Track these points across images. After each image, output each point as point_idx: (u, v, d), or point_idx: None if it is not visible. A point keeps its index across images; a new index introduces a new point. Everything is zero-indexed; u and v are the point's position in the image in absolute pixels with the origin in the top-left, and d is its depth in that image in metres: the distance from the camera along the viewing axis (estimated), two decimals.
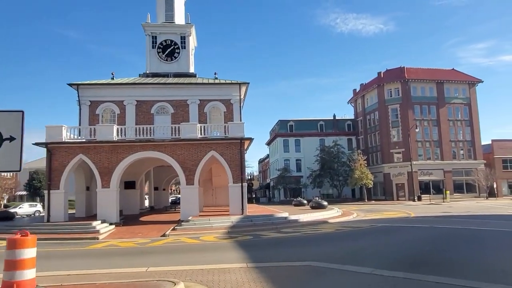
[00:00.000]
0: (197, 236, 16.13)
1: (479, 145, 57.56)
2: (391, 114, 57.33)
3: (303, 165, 65.46)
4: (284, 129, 67.81)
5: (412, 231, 15.69)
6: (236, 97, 27.24)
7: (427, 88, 57.18)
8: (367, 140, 63.44)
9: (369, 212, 29.27)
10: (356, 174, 52.51)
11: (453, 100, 57.55)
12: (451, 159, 56.07)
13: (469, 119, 57.75)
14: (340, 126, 68.83)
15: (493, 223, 17.86)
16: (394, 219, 21.84)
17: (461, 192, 55.64)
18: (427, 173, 54.96)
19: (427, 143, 56.09)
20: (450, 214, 25.00)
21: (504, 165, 59.04)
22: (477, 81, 58.85)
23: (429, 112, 56.73)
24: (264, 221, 20.16)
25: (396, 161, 56.05)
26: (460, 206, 35.07)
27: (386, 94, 58.03)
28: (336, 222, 21.21)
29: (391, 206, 38.00)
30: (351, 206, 40.24)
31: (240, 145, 21.37)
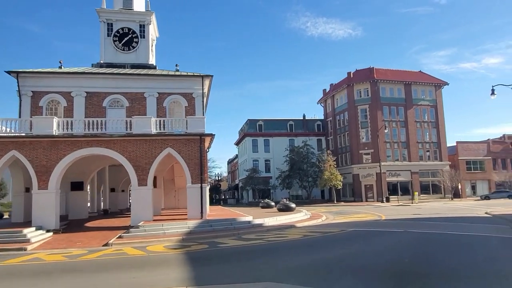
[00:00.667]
0: (145, 245, 13.92)
1: (445, 147, 58.28)
2: (360, 115, 56.92)
3: (272, 165, 64.00)
4: (253, 128, 66.07)
5: (386, 237, 14.23)
6: (199, 91, 25.08)
7: (395, 89, 57.24)
8: (336, 141, 62.84)
9: (338, 215, 27.95)
10: (325, 175, 51.56)
11: (420, 101, 57.94)
12: (418, 160, 56.36)
13: (435, 121, 58.34)
14: (310, 126, 67.95)
15: (467, 227, 16.80)
16: (365, 223, 20.49)
17: (427, 193, 56.02)
18: (395, 174, 54.91)
19: (395, 144, 56.09)
20: (420, 216, 24.03)
21: (468, 167, 60.12)
22: (443, 83, 59.63)
23: (397, 113, 56.79)
24: (225, 226, 18.18)
25: (365, 162, 55.64)
26: (429, 207, 34.57)
27: (355, 94, 57.58)
28: (304, 227, 19.56)
29: (360, 208, 37.06)
30: (320, 208, 39.02)
31: (200, 141, 19.28)
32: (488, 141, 62.38)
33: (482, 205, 37.05)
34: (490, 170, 60.76)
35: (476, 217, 22.98)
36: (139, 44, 28.78)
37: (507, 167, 62.12)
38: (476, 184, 60.79)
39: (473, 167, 60.48)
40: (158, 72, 26.14)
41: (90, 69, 25.82)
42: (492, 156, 61.41)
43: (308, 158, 58.41)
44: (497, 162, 61.81)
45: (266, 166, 64.93)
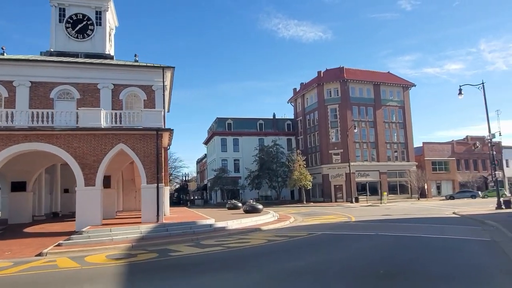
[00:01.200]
0: (85, 254, 12.00)
1: (412, 148, 58.94)
2: (330, 114, 56.50)
3: (241, 165, 62.46)
4: (222, 127, 64.26)
5: (357, 241, 13.04)
6: (159, 84, 23.14)
7: (364, 90, 57.26)
8: (306, 141, 62.20)
9: (307, 216, 26.83)
10: (295, 175, 50.60)
11: (388, 102, 58.30)
12: (386, 160, 56.63)
13: (403, 122, 58.89)
14: (280, 126, 66.99)
15: (440, 229, 15.99)
16: (335, 225, 19.38)
17: (395, 193, 56.38)
18: (364, 175, 54.85)
19: (365, 144, 56.08)
20: (390, 217, 23.28)
21: (433, 167, 61.16)
22: (410, 84, 60.33)
23: (366, 113, 56.82)
24: (184, 230, 16.46)
25: (334, 162, 55.23)
26: (397, 208, 34.22)
27: (325, 93, 57.12)
28: (270, 230, 18.16)
29: (330, 209, 36.22)
30: (289, 209, 37.90)
31: (157, 137, 17.44)
32: (452, 142, 63.83)
33: (448, 205, 37.22)
34: (454, 171, 62.14)
35: (446, 218, 22.48)
36: (94, 32, 26.41)
37: (470, 167, 63.79)
38: (441, 184, 61.97)
39: (438, 168, 61.62)
40: (114, 62, 23.96)
41: (35, 57, 23.26)
42: (456, 157, 62.84)
43: (277, 158, 57.40)
44: (460, 162, 63.32)
45: (235, 165, 63.32)
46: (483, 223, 18.53)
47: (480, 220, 19.59)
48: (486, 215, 22.42)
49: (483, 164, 64.86)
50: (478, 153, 64.51)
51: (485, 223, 18.27)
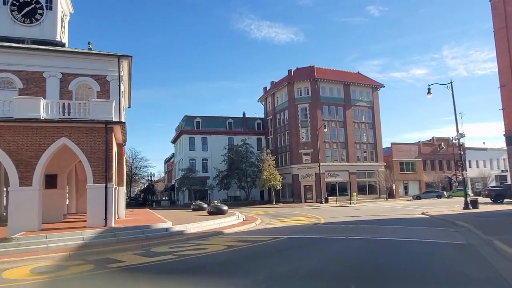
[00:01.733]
0: (6, 267, 10.06)
1: (381, 148, 59.25)
2: (300, 114, 55.76)
3: (210, 165, 60.62)
4: (190, 125, 62.15)
5: (327, 246, 11.83)
6: (114, 74, 21.11)
7: (335, 89, 56.98)
8: (276, 140, 61.22)
9: (275, 218, 25.58)
10: (264, 175, 49.39)
11: (358, 102, 58.32)
12: (356, 161, 56.57)
13: (372, 122, 59.10)
14: (250, 125, 65.69)
15: (411, 231, 15.14)
16: (303, 228, 18.19)
17: (364, 193, 56.39)
18: (334, 175, 54.49)
19: (334, 144, 55.75)
20: (360, 218, 22.43)
21: (401, 167, 61.84)
22: (379, 85, 60.70)
23: (336, 113, 56.53)
24: (135, 235, 14.69)
25: (304, 162, 54.52)
26: (367, 208, 33.68)
27: (296, 92, 56.34)
28: (234, 233, 16.70)
29: (299, 210, 35.21)
30: (258, 210, 36.59)
31: (106, 131, 15.54)
32: (419, 143, 64.89)
33: (415, 205, 37.17)
34: (420, 171, 63.13)
35: (415, 219, 21.87)
36: (44, 16, 23.89)
37: (435, 168, 65.08)
38: (408, 184, 62.78)
39: (406, 168, 62.39)
40: (62, 48, 21.69)
41: None
42: (422, 158, 63.89)
43: (247, 157, 56.04)
44: (426, 163, 64.45)
45: (203, 165, 61.41)
46: (453, 224, 17.93)
47: (450, 221, 19.02)
48: (455, 215, 22.01)
49: (448, 164, 66.35)
50: (443, 154, 65.94)
51: (456, 224, 17.67)
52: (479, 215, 22.03)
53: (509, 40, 23.65)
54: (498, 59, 24.45)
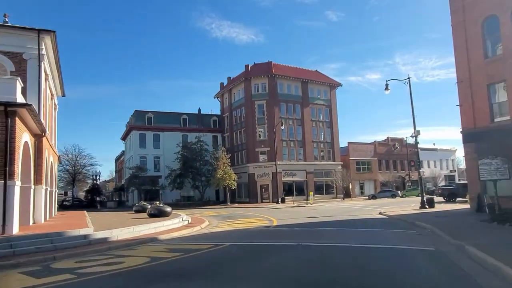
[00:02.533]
0: None
1: (338, 147, 58.81)
2: (257, 111, 53.87)
3: (162, 163, 57.04)
4: (141, 121, 58.22)
5: (274, 257, 9.68)
6: (33, 52, 17.75)
7: (292, 86, 55.68)
8: (233, 138, 58.92)
9: (225, 220, 23.29)
10: (218, 174, 46.90)
11: (316, 100, 57.45)
12: (313, 160, 55.61)
13: (329, 121, 58.49)
14: (205, 122, 62.88)
15: (371, 234, 13.53)
16: (252, 232, 16.02)
17: (321, 193, 55.59)
18: (291, 174, 53.13)
19: (292, 142, 54.41)
20: (316, 220, 20.70)
21: (357, 167, 61.89)
22: (337, 84, 60.29)
23: (294, 111, 55.25)
24: (41, 245, 11.74)
25: (261, 161, 52.69)
26: (323, 208, 32.31)
27: (253, 89, 54.38)
28: (169, 240, 14.19)
29: (254, 210, 33.14)
30: (209, 211, 34.08)
31: (7, 115, 12.41)
32: (375, 143, 65.42)
33: (372, 204, 36.46)
34: (376, 171, 63.61)
35: (374, 219, 20.51)
36: None
37: (390, 167, 65.92)
38: (364, 184, 63.00)
39: (362, 168, 62.55)
40: None
41: None
42: (378, 158, 64.44)
43: (201, 155, 53.30)
44: (382, 163, 65.10)
45: (155, 163, 57.78)
46: (414, 225, 16.60)
47: (410, 222, 17.73)
48: (413, 215, 20.93)
49: (402, 164, 67.52)
50: (397, 154, 67.01)
51: (417, 225, 16.34)
52: (437, 214, 21.10)
53: (467, 34, 23.00)
54: (456, 53, 23.76)
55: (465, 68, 23.09)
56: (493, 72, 21.67)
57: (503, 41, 21.18)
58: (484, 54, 22.22)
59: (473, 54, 22.70)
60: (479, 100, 22.31)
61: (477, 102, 22.46)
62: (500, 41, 21.44)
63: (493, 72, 21.67)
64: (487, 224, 14.65)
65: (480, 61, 22.36)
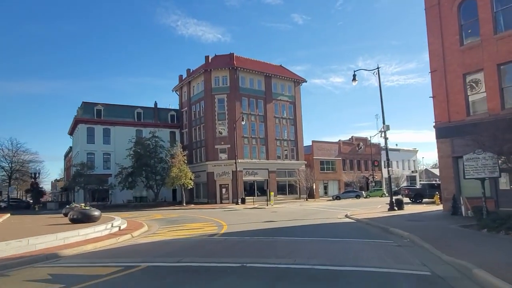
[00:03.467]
0: None
1: (302, 146, 56.49)
2: (217, 105, 50.37)
3: (113, 160, 52.06)
4: (89, 114, 52.91)
5: None
6: None
7: (255, 81, 52.68)
8: (191, 134, 55.02)
9: (168, 224, 19.73)
10: (173, 172, 42.91)
11: (279, 96, 54.80)
12: (276, 158, 52.90)
13: (293, 118, 56.05)
14: (162, 116, 58.52)
15: (343, 247, 10.59)
16: (189, 243, 12.65)
17: (284, 193, 53.07)
18: (252, 173, 50.07)
19: (254, 140, 51.38)
20: (274, 225, 17.67)
21: (322, 167, 59.94)
22: (301, 80, 57.98)
23: (256, 107, 52.26)
24: None
25: (221, 159, 49.25)
26: (285, 210, 29.46)
27: (213, 82, 50.81)
28: (73, 256, 10.54)
29: (208, 212, 29.70)
30: (158, 214, 30.26)
31: None
32: (339, 142, 63.83)
33: (336, 206, 34.16)
34: (340, 171, 62.01)
35: (341, 224, 17.78)
36: None
37: (354, 167, 64.62)
38: (328, 184, 61.20)
39: (326, 167, 60.69)
40: None
41: None
42: (342, 157, 62.88)
43: (156, 152, 49.03)
44: (346, 162, 63.62)
45: (105, 160, 52.72)
46: (388, 232, 13.93)
47: (382, 227, 15.07)
48: (384, 219, 18.43)
49: (365, 164, 66.50)
50: (361, 153, 65.90)
51: (392, 232, 13.68)
52: (409, 217, 18.75)
53: (442, 19, 20.91)
54: (430, 40, 21.63)
55: (439, 56, 20.99)
56: (470, 60, 19.69)
57: (481, 26, 19.23)
58: (460, 41, 20.24)
59: (448, 40, 20.67)
60: (455, 91, 20.28)
61: (452, 94, 20.43)
62: (478, 26, 19.49)
63: (470, 60, 19.69)
64: (475, 231, 12.19)
65: (456, 48, 20.37)
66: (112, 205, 48.62)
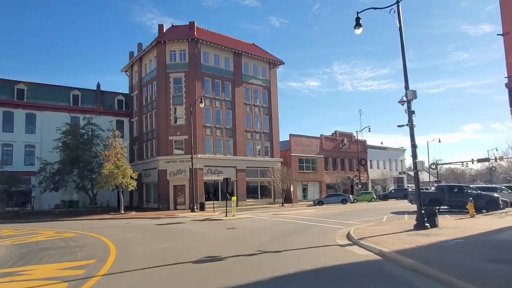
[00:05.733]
0: None
1: (277, 140, 46.99)
2: (173, 86, 40.14)
3: (40, 154, 40.75)
4: (7, 94, 41.41)
5: None
6: None
7: (222, 58, 42.80)
8: (142, 123, 44.48)
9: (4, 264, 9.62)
10: (106, 168, 32.30)
11: (251, 79, 45.15)
12: (246, 154, 43.16)
13: (268, 106, 46.50)
14: (107, 101, 47.61)
15: None
16: None
17: (255, 197, 43.46)
18: (216, 172, 40.07)
19: (218, 130, 41.45)
20: (213, 269, 7.94)
21: (300, 165, 50.64)
22: (278, 61, 48.50)
23: (223, 90, 42.39)
24: None
25: (176, 154, 39.07)
26: (249, 225, 19.68)
27: (168, 57, 40.56)
28: None
29: (128, 229, 19.51)
30: (43, 229, 19.82)
31: None
32: (321, 137, 54.72)
33: (322, 216, 24.73)
34: (322, 170, 52.89)
35: (348, 269, 8.23)
36: None
37: (337, 167, 55.71)
38: (307, 186, 51.91)
39: (306, 166, 51.42)
40: None
41: None
42: (324, 154, 53.84)
43: (92, 144, 38.37)
44: (328, 161, 54.63)
45: (27, 154, 41.35)
46: None
47: None
48: (431, 253, 9.00)
49: (350, 163, 57.82)
50: (345, 151, 57.13)
51: None
52: (484, 250, 9.43)
53: None
54: None
55: None
56: None
57: None
58: None
59: None
60: None
61: None
62: None
63: None
64: None
65: None
66: (34, 211, 37.52)
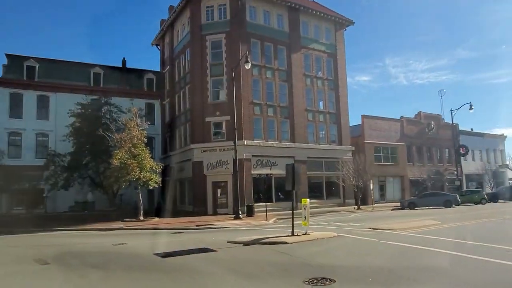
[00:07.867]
0: None
1: (347, 122, 35.89)
2: (210, 52, 30.59)
3: (54, 144, 33.35)
4: (15, 72, 34.41)
5: None
6: None
7: (273, 15, 32.55)
8: (174, 105, 35.59)
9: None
10: (116, 159, 23.35)
11: (312, 44, 34.45)
12: (306, 141, 32.62)
13: (334, 79, 35.58)
14: (134, 81, 39.37)
15: None
16: None
17: (319, 196, 32.73)
18: (268, 164, 29.98)
19: (271, 109, 31.28)
20: None
21: (376, 155, 38.98)
22: (347, 21, 37.32)
23: (275, 57, 32.14)
24: None
25: (214, 140, 29.59)
26: (355, 264, 9.14)
27: (204, 15, 31.10)
28: None
29: (136, 248, 9.77)
30: None
31: None
32: (402, 119, 42.48)
33: (460, 233, 13.57)
34: (404, 162, 40.79)
35: None
36: None
37: (423, 158, 43.21)
38: (385, 182, 40.14)
39: (383, 157, 39.68)
40: None
41: None
42: (406, 142, 41.64)
43: (110, 130, 29.98)
44: (411, 150, 42.35)
45: (39, 145, 34.16)
46: None
47: None
48: None
49: (439, 154, 44.98)
50: (432, 137, 44.34)
51: None
52: None
53: None
54: None
55: None
56: None
57: None
58: None
59: None
60: None
61: None
62: None
63: None
64: None
65: None
66: (48, 214, 30.20)
